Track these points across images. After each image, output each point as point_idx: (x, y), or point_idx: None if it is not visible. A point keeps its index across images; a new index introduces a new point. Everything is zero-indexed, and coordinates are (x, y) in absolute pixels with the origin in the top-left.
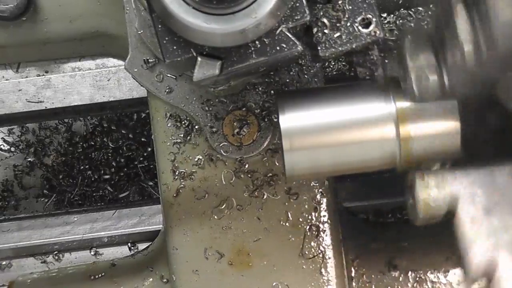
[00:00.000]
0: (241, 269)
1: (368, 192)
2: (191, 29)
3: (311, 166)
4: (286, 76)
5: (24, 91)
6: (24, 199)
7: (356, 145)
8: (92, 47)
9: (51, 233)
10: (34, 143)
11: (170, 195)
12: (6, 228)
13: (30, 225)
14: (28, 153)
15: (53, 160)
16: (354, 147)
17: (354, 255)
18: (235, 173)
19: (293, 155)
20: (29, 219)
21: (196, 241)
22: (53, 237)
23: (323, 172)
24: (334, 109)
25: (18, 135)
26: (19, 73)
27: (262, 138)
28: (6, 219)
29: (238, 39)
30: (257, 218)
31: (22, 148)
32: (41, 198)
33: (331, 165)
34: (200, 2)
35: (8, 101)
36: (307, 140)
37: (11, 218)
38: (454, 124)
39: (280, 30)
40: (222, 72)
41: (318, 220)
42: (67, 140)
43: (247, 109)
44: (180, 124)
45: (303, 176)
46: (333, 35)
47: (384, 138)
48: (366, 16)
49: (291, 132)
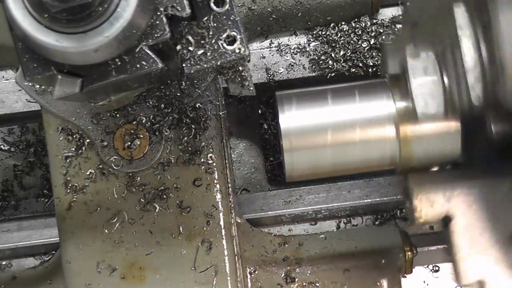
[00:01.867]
0: (134, 283)
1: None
2: (45, 48)
3: (311, 166)
4: (177, 90)
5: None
6: (24, 199)
7: (356, 145)
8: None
9: (51, 233)
10: (34, 143)
11: (63, 209)
12: (6, 228)
13: (30, 225)
14: (28, 153)
15: None
16: (353, 147)
17: (252, 267)
18: (127, 187)
19: (292, 155)
20: (29, 219)
21: (88, 255)
22: (53, 237)
23: (322, 172)
24: (333, 109)
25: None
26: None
27: (153, 151)
28: (6, 219)
29: (95, 57)
30: (149, 231)
31: (22, 148)
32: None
33: (330, 165)
34: (51, 21)
35: (8, 101)
36: (307, 140)
37: (11, 218)
38: (454, 124)
39: (140, 48)
40: (82, 90)
41: (211, 233)
42: None
43: (138, 123)
44: (72, 138)
45: (302, 176)
46: (197, 52)
47: (384, 138)
48: (230, 33)
49: (291, 132)
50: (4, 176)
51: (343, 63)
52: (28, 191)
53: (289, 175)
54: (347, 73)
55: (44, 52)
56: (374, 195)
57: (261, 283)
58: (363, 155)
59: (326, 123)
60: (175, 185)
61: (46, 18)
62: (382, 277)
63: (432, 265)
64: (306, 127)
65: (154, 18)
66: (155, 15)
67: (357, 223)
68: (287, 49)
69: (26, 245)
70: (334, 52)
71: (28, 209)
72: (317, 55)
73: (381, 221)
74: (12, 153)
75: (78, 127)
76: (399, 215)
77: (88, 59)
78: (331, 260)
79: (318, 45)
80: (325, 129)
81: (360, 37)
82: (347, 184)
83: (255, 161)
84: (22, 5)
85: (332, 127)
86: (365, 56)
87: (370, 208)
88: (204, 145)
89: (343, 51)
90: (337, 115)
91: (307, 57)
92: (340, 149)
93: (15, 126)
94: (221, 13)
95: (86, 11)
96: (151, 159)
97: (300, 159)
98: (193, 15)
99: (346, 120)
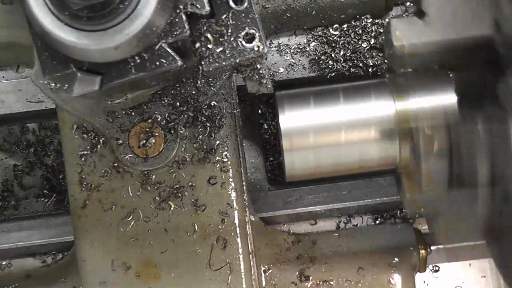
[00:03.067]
0: (148, 281)
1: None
2: (65, 45)
3: (311, 166)
4: (192, 88)
5: (24, 91)
6: (24, 199)
7: (356, 145)
8: (5, 57)
9: (51, 233)
10: (34, 143)
11: (78, 207)
12: (6, 228)
13: (30, 225)
14: (28, 153)
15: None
16: (353, 147)
17: (267, 265)
18: (142, 185)
19: (292, 155)
20: (29, 219)
21: (103, 253)
22: (53, 237)
23: (322, 172)
24: (333, 109)
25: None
26: (19, 73)
27: (168, 150)
28: (6, 219)
29: (115, 55)
30: (164, 229)
31: (22, 148)
32: (41, 198)
33: (330, 165)
34: (72, 19)
35: (8, 101)
36: (307, 140)
37: (11, 218)
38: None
39: (159, 46)
40: (102, 87)
41: (226, 231)
42: None
43: (153, 121)
44: (87, 136)
45: (302, 176)
46: (216, 49)
47: (384, 138)
48: (249, 31)
49: (291, 132)
50: (4, 176)
51: (343, 63)
52: (28, 191)
53: (289, 175)
54: (347, 73)
55: (63, 49)
56: (374, 195)
57: (276, 281)
58: (363, 155)
59: (326, 123)
60: (190, 183)
61: (67, 16)
62: (396, 275)
63: (432, 265)
64: (306, 127)
65: (174, 15)
66: (175, 13)
67: (357, 223)
68: (287, 49)
69: (26, 245)
70: (334, 52)
71: (28, 209)
72: (317, 55)
73: (381, 221)
74: (12, 153)
75: (93, 125)
76: (399, 215)
77: (108, 57)
78: (345, 258)
79: (318, 45)
80: (325, 129)
81: (360, 37)
82: (347, 184)
83: (255, 161)
84: (42, 2)
85: (332, 127)
86: (365, 56)
87: (370, 208)
88: (219, 143)
89: (343, 51)
90: (337, 115)
91: (307, 57)
92: (340, 149)
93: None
94: (240, 11)
95: (107, 8)
96: (166, 157)
97: (300, 159)
98: (212, 12)
99: (346, 120)
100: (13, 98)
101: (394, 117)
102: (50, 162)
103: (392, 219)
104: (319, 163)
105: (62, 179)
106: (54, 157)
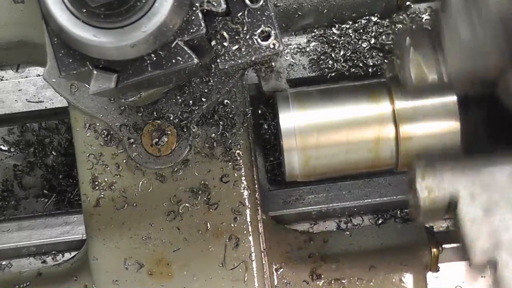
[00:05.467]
0: (161, 279)
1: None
2: (82, 43)
3: (311, 166)
4: (205, 86)
5: (24, 91)
6: (24, 199)
7: (356, 145)
8: (17, 56)
9: (51, 233)
10: (34, 143)
11: (90, 205)
12: (6, 228)
13: (30, 225)
14: (28, 153)
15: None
16: (353, 147)
17: (278, 264)
18: (154, 183)
19: (292, 155)
20: (29, 219)
21: (116, 251)
22: (53, 237)
23: (322, 172)
24: (333, 109)
25: (18, 135)
26: (19, 73)
27: (180, 148)
28: (6, 219)
29: (131, 52)
30: (176, 228)
31: (22, 148)
32: (41, 198)
33: (330, 165)
34: (89, 16)
35: (8, 101)
36: (307, 140)
37: (11, 218)
38: (454, 123)
39: (175, 43)
40: (118, 85)
41: (238, 230)
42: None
43: (166, 119)
44: (99, 134)
45: (302, 176)
46: (232, 47)
47: (383, 138)
48: (265, 29)
49: (291, 132)
50: (4, 176)
51: (343, 63)
52: (28, 191)
53: (289, 175)
54: (347, 73)
55: (80, 47)
56: (374, 195)
57: (287, 280)
58: (363, 155)
59: (326, 123)
60: (203, 182)
61: (84, 13)
62: (408, 274)
63: None
64: (306, 127)
65: (190, 13)
66: (191, 11)
67: (357, 223)
68: (287, 49)
69: (26, 245)
70: (334, 52)
71: (28, 209)
72: (317, 55)
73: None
74: (12, 153)
75: (105, 123)
76: (399, 215)
77: (125, 54)
78: (357, 256)
79: (318, 45)
80: (325, 129)
81: (360, 37)
82: (347, 184)
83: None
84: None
85: (332, 127)
86: (365, 56)
87: (370, 208)
88: (232, 141)
89: (343, 51)
90: (337, 115)
91: (307, 57)
92: (340, 149)
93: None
94: (255, 9)
95: (124, 6)
96: (179, 156)
97: (300, 159)
98: (227, 10)
99: (346, 120)
100: (13, 98)
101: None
102: (50, 162)
103: (392, 219)
104: (319, 163)
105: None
106: (54, 157)
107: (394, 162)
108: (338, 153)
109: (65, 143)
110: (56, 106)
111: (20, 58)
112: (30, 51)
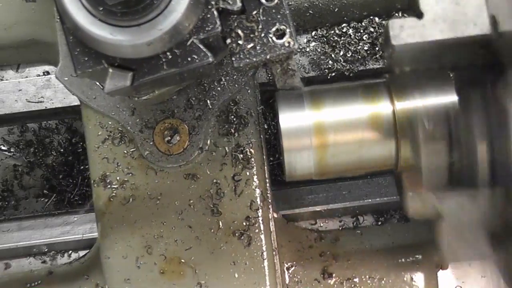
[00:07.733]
0: (173, 278)
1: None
2: (98, 41)
3: (311, 166)
4: (217, 85)
5: (24, 91)
6: (24, 199)
7: (356, 146)
8: (29, 54)
9: (51, 233)
10: (34, 143)
11: (102, 204)
12: (6, 228)
13: (30, 225)
14: (28, 153)
15: (53, 160)
16: (353, 148)
17: (289, 263)
18: (166, 182)
19: (292, 155)
20: (29, 219)
21: (127, 250)
22: (53, 237)
23: (322, 173)
24: (333, 109)
25: (18, 135)
26: (19, 73)
27: (192, 146)
28: (6, 219)
29: (147, 50)
30: (188, 226)
31: (22, 148)
32: (41, 198)
33: (330, 165)
34: (106, 14)
35: (8, 101)
36: (307, 140)
37: (11, 218)
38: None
39: (191, 42)
40: (133, 84)
41: (250, 228)
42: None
43: (178, 117)
44: (111, 133)
45: (302, 176)
46: (247, 45)
47: (383, 138)
48: (280, 27)
49: (291, 132)
50: (4, 176)
51: (343, 63)
52: (28, 191)
53: (289, 175)
54: (347, 73)
55: (96, 45)
56: (374, 195)
57: (299, 278)
58: (363, 155)
59: (326, 123)
60: (215, 180)
61: (100, 11)
62: (419, 272)
63: None
64: (306, 127)
65: (205, 11)
66: (206, 9)
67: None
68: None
69: (26, 245)
70: (334, 52)
71: (28, 209)
72: (317, 55)
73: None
74: (12, 153)
75: (117, 122)
76: (400, 215)
77: (140, 53)
78: (368, 255)
79: (318, 45)
80: (325, 129)
81: (361, 37)
82: (347, 184)
83: None
84: None
85: (332, 127)
86: (365, 56)
87: (370, 208)
88: (244, 140)
89: (343, 51)
90: (337, 115)
91: (307, 57)
92: (340, 150)
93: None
94: (270, 7)
95: (141, 4)
96: (191, 154)
97: (300, 159)
98: (242, 8)
99: (346, 120)
100: (13, 98)
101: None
102: (50, 162)
103: (392, 219)
104: (319, 163)
105: (62, 179)
106: (54, 157)
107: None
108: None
109: (65, 143)
110: (56, 106)
111: (31, 57)
112: (41, 49)
